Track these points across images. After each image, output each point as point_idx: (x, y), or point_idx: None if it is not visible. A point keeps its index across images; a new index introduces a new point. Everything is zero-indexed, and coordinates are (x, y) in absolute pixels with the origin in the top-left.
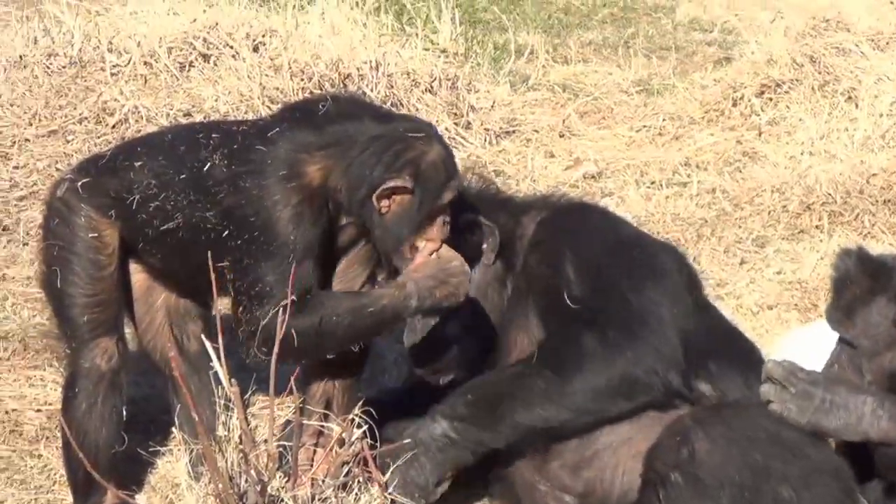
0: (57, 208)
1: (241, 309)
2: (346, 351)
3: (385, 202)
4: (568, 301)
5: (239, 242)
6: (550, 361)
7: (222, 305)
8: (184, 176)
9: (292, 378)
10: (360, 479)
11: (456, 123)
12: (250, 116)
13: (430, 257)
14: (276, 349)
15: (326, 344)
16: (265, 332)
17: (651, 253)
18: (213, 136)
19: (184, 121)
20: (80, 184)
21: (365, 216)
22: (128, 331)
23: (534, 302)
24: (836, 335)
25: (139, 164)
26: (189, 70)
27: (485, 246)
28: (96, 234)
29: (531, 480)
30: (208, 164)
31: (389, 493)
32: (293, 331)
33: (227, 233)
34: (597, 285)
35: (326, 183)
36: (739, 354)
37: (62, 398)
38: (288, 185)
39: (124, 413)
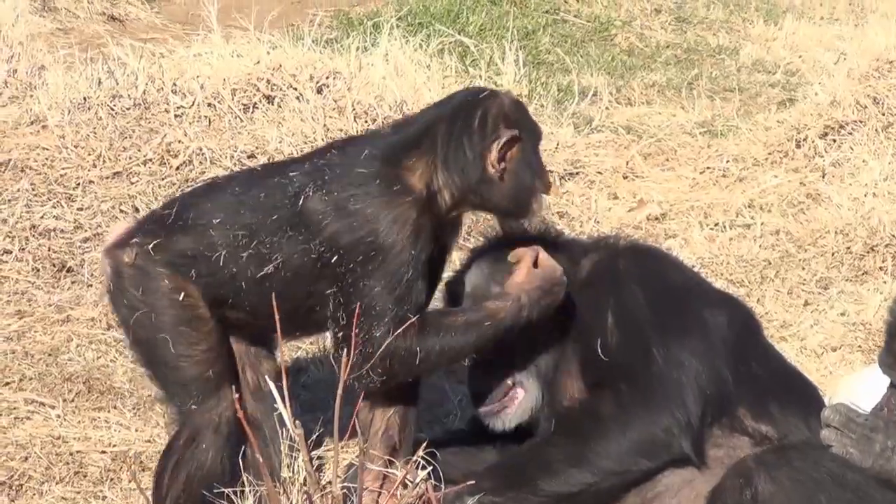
0: (132, 277)
1: (355, 331)
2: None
3: (501, 165)
4: (600, 352)
5: (351, 266)
6: (568, 429)
7: (286, 346)
8: (276, 217)
9: (355, 417)
10: None
11: None
12: None
13: (534, 270)
14: (340, 387)
15: (444, 359)
16: (386, 353)
17: (694, 307)
18: (292, 174)
19: (249, 162)
20: (150, 247)
21: (483, 194)
22: None
23: (576, 347)
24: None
25: (217, 221)
26: (253, 112)
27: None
28: (184, 294)
29: None
30: (302, 198)
31: None
32: (418, 349)
33: (335, 258)
34: (629, 338)
35: (429, 189)
36: (801, 397)
37: (171, 451)
38: (401, 200)
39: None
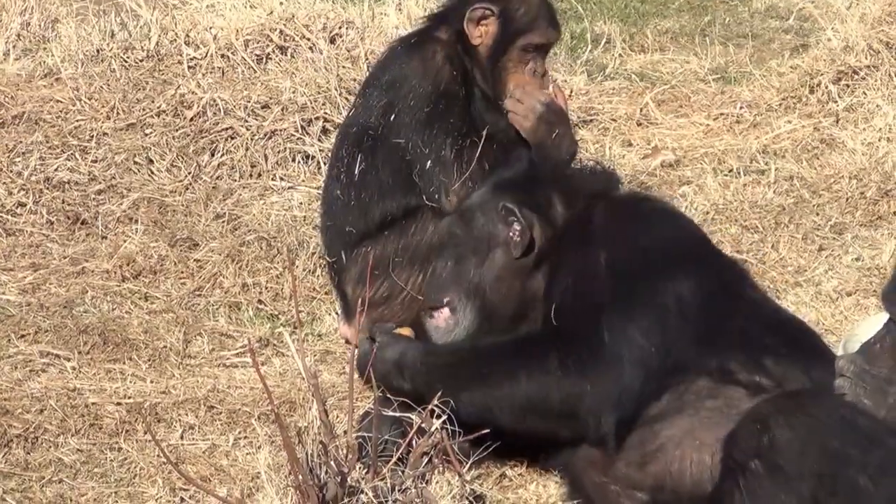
0: None
1: None
2: None
3: (476, 31)
4: (552, 316)
5: None
6: (512, 358)
7: (301, 295)
8: None
9: (370, 367)
10: (440, 470)
11: None
12: (328, 108)
13: None
14: (356, 335)
15: None
16: None
17: (657, 273)
18: None
19: (262, 113)
20: None
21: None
22: None
23: (545, 304)
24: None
25: None
26: (266, 62)
27: (517, 239)
28: None
29: (600, 482)
30: None
31: (469, 483)
32: None
33: None
34: (582, 305)
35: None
36: (798, 347)
37: None
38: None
39: None
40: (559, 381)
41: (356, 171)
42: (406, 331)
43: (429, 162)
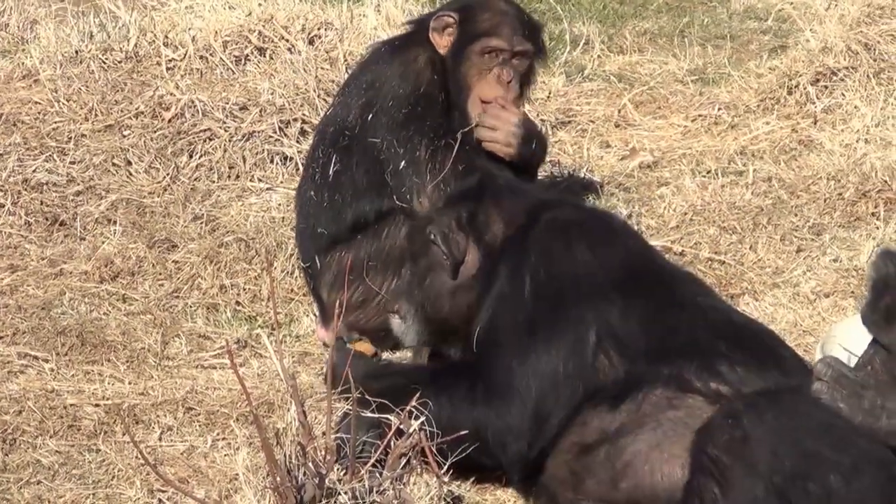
0: None
1: None
2: None
3: (442, 39)
4: (474, 342)
5: None
6: (433, 386)
7: (278, 297)
8: None
9: (348, 368)
10: (418, 471)
11: None
12: (307, 110)
13: None
14: (334, 337)
15: None
16: None
17: (579, 301)
18: None
19: (241, 115)
20: None
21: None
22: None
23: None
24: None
25: None
26: (245, 64)
27: (446, 263)
28: None
29: (574, 498)
30: None
31: (447, 484)
32: None
33: None
34: (505, 333)
35: None
36: (752, 352)
37: None
38: None
39: None
40: (469, 411)
41: (331, 172)
42: (362, 346)
43: (402, 162)
